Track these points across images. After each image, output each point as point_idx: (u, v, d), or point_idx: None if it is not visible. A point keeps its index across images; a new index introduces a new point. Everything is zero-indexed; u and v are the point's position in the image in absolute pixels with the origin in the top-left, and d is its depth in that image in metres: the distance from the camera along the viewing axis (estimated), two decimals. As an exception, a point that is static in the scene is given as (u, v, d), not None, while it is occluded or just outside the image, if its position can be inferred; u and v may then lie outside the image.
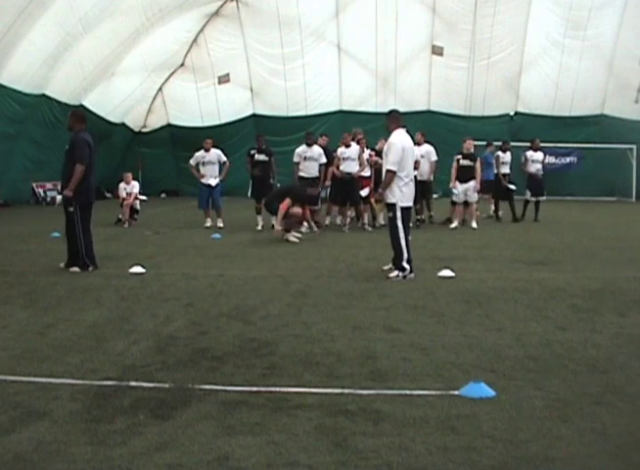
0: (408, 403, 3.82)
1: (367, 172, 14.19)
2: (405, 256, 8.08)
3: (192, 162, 14.64)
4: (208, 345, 5.04)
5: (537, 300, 6.84)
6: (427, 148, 15.13)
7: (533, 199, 16.35)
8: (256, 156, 14.22)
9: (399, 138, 8.23)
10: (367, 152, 14.45)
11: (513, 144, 18.40)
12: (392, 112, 8.70)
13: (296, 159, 13.92)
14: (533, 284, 7.69)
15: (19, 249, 10.71)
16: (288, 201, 11.95)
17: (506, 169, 16.46)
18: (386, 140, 8.74)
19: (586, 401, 3.86)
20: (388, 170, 8.08)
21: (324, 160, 13.84)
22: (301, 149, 13.95)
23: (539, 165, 16.56)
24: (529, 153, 16.67)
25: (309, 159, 13.79)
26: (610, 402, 3.85)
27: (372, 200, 13.99)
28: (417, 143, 14.92)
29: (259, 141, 14.44)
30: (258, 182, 14.20)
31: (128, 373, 4.34)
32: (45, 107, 20.04)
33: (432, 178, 15.25)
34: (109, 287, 7.42)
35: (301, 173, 13.83)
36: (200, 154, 14.54)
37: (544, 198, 16.83)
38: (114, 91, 22.93)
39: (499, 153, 16.59)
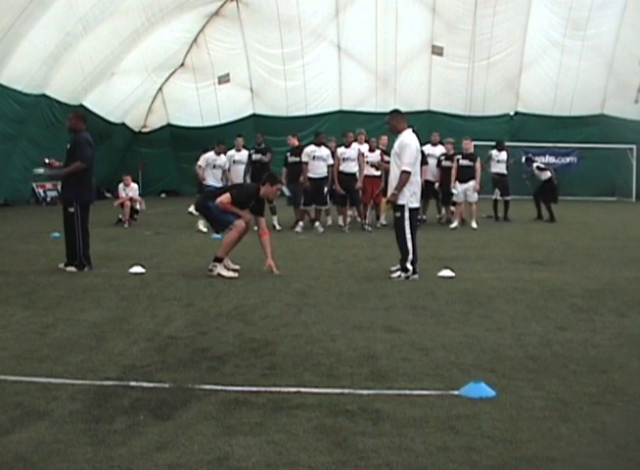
0: (408, 403, 3.82)
1: (377, 172, 14.19)
2: (410, 257, 8.05)
3: (201, 163, 14.39)
4: (208, 345, 5.04)
5: (537, 300, 6.84)
6: (441, 149, 15.20)
7: (501, 198, 16.25)
8: (254, 156, 14.19)
9: (412, 139, 8.19)
10: (377, 153, 14.39)
11: (512, 144, 18.25)
12: (396, 111, 8.62)
13: (304, 158, 13.86)
14: (533, 284, 7.69)
15: (19, 249, 10.71)
16: (227, 196, 8.44)
17: (544, 175, 16.23)
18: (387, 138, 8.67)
19: (586, 401, 3.86)
20: (403, 171, 7.97)
21: (332, 161, 13.80)
22: (310, 149, 13.88)
23: (504, 165, 16.32)
24: (494, 152, 16.47)
25: (318, 158, 13.74)
26: (610, 402, 3.85)
27: (382, 200, 13.97)
28: (433, 143, 15.37)
29: (257, 139, 14.45)
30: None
31: (128, 373, 4.34)
32: (45, 107, 20.01)
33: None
34: (109, 287, 7.42)
35: (309, 174, 13.79)
36: (210, 156, 14.25)
37: (509, 198, 16.43)
38: (114, 91, 22.91)
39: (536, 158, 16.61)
